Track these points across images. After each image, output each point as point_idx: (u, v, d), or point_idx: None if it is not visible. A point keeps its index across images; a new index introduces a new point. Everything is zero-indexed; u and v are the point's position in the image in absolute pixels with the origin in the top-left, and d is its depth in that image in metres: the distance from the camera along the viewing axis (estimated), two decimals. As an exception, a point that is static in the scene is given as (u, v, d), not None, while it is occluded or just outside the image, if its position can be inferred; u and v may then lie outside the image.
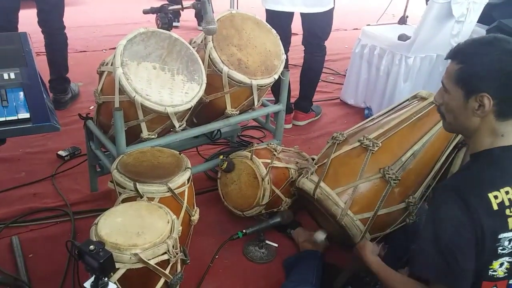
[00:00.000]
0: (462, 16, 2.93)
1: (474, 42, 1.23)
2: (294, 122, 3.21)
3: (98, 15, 5.74)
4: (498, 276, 1.19)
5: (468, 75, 1.20)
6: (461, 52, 1.23)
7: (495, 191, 1.16)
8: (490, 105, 1.17)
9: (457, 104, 1.24)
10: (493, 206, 1.14)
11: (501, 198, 1.15)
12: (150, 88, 1.77)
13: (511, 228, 1.16)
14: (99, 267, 1.08)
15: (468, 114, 1.22)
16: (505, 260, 1.18)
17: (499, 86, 1.16)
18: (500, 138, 1.21)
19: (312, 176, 1.85)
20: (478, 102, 1.19)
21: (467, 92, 1.20)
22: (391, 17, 4.95)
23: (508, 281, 1.21)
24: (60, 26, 2.97)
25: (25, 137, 2.73)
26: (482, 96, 1.17)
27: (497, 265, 1.18)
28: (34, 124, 1.28)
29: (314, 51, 2.96)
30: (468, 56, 1.21)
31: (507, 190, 1.17)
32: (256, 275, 1.92)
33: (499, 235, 1.15)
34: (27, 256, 1.91)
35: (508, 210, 1.16)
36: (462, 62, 1.21)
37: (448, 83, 1.25)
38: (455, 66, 1.23)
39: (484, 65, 1.17)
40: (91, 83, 3.45)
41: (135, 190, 1.60)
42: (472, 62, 1.19)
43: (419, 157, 1.80)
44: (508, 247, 1.17)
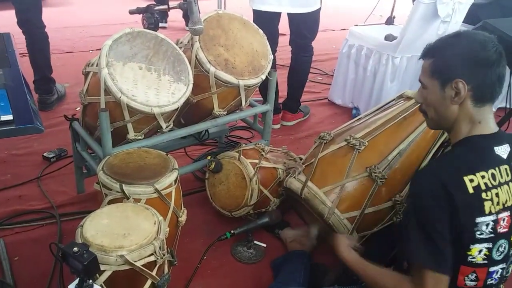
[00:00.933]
0: (447, 16, 2.96)
1: (442, 38, 1.32)
2: (283, 123, 3.21)
3: (84, 15, 5.70)
4: (477, 262, 1.22)
5: (441, 65, 1.27)
6: (431, 48, 1.31)
7: (471, 174, 1.20)
8: (465, 90, 1.23)
9: (435, 96, 1.30)
10: (468, 190, 1.18)
11: (477, 182, 1.19)
12: (136, 88, 1.76)
13: (487, 212, 1.19)
14: (83, 269, 1.07)
15: (446, 103, 1.28)
16: (483, 246, 1.21)
17: (471, 71, 1.23)
18: (478, 125, 1.27)
19: (299, 175, 1.85)
20: (454, 90, 1.24)
21: (443, 82, 1.26)
22: (379, 18, 4.99)
23: (488, 269, 1.23)
24: (39, 25, 2.94)
25: (11, 139, 2.70)
26: (457, 82, 1.23)
27: (475, 252, 1.21)
28: (17, 126, 1.26)
29: (301, 52, 2.96)
30: (438, 49, 1.29)
31: (483, 174, 1.20)
32: (244, 275, 1.92)
33: (476, 219, 1.19)
34: (13, 259, 1.88)
35: (484, 194, 1.19)
36: (434, 56, 1.29)
37: (424, 78, 1.32)
38: (428, 61, 1.30)
39: (454, 53, 1.25)
40: (78, 84, 3.42)
41: (121, 191, 1.59)
42: (443, 53, 1.27)
43: (405, 156, 1.81)
44: (486, 232, 1.20)
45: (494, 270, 1.25)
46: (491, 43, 1.23)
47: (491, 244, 1.21)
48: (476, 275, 1.23)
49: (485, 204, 1.19)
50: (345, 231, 1.74)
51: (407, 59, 3.15)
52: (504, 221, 1.22)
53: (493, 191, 1.20)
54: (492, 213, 1.20)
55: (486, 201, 1.19)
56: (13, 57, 1.61)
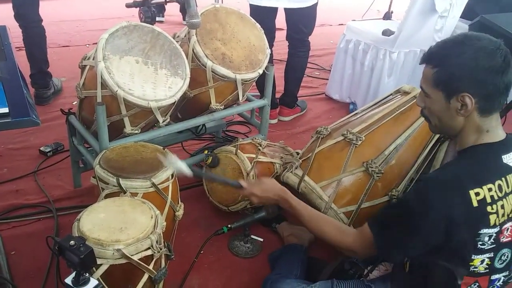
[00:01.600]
0: (445, 11, 2.96)
1: (446, 44, 1.23)
2: (280, 118, 3.21)
3: (81, 9, 5.67)
4: (479, 272, 1.20)
5: (446, 77, 1.20)
6: (435, 55, 1.23)
7: (478, 188, 1.15)
8: (472, 104, 1.17)
9: (439, 107, 1.24)
10: (472, 203, 1.14)
11: (483, 195, 1.15)
12: (132, 82, 1.75)
13: (492, 225, 1.16)
14: (79, 263, 1.07)
15: (451, 114, 1.22)
16: (485, 256, 1.19)
17: (477, 84, 1.16)
18: (485, 134, 1.22)
19: (296, 170, 1.86)
20: (460, 102, 1.19)
21: (448, 94, 1.20)
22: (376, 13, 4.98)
23: (490, 277, 1.22)
24: (36, 18, 2.92)
25: (7, 133, 2.69)
26: (463, 96, 1.17)
27: (478, 262, 1.19)
28: (13, 119, 1.26)
29: (298, 47, 2.96)
30: (443, 59, 1.21)
31: (490, 187, 1.16)
32: (241, 269, 1.92)
33: (480, 231, 1.16)
34: (9, 253, 1.88)
35: (489, 207, 1.15)
36: (438, 65, 1.21)
37: (426, 87, 1.25)
38: (431, 70, 1.23)
39: (460, 65, 1.17)
40: (74, 78, 3.38)
41: (118, 185, 1.59)
42: (447, 63, 1.19)
43: (402, 150, 1.81)
44: (488, 243, 1.17)
45: (496, 278, 1.24)
46: (499, 51, 1.16)
47: (492, 254, 1.19)
48: (478, 285, 1.22)
49: (490, 218, 1.16)
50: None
51: (404, 54, 3.15)
52: (507, 231, 1.20)
53: (498, 203, 1.17)
54: (496, 225, 1.17)
55: (492, 214, 1.16)
56: (9, 50, 1.60)
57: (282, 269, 1.77)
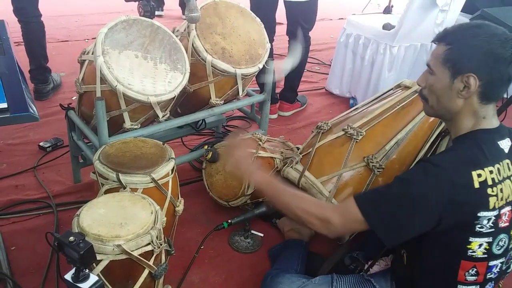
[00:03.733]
0: (446, 5, 2.95)
1: (463, 25, 1.25)
2: (280, 113, 3.20)
3: (79, 4, 5.64)
4: (477, 256, 1.21)
5: (457, 55, 1.21)
6: (450, 34, 1.25)
7: (480, 169, 1.17)
8: (476, 85, 1.19)
9: (442, 85, 1.25)
10: (474, 184, 1.16)
11: (485, 176, 1.17)
12: (132, 77, 1.74)
13: (491, 208, 1.17)
14: (79, 259, 1.07)
15: (452, 95, 1.24)
16: (484, 240, 1.20)
17: (485, 67, 1.18)
18: (482, 120, 1.24)
19: (297, 165, 1.85)
20: (464, 83, 1.20)
21: (454, 72, 1.21)
22: (376, 7, 4.96)
23: (488, 263, 1.23)
24: (35, 13, 2.90)
25: (6, 128, 2.68)
26: (469, 76, 1.19)
27: (476, 246, 1.20)
28: (12, 114, 1.25)
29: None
30: (458, 38, 1.22)
31: (491, 169, 1.18)
32: (241, 264, 1.92)
33: (478, 213, 1.17)
34: (9, 248, 1.88)
35: (490, 189, 1.17)
36: (451, 43, 1.22)
37: (435, 64, 1.26)
38: (444, 47, 1.24)
39: (473, 46, 1.19)
40: (74, 73, 3.39)
41: (117, 181, 1.58)
42: (461, 43, 1.21)
43: (403, 145, 1.81)
44: (486, 226, 1.18)
45: (494, 265, 1.24)
46: (510, 42, 1.17)
47: (491, 238, 1.20)
48: (476, 270, 1.22)
49: (490, 200, 1.17)
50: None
51: (405, 48, 3.13)
52: (505, 216, 1.21)
53: (498, 186, 1.18)
54: (495, 208, 1.18)
55: (492, 197, 1.17)
56: (7, 44, 1.59)
57: (282, 264, 1.77)
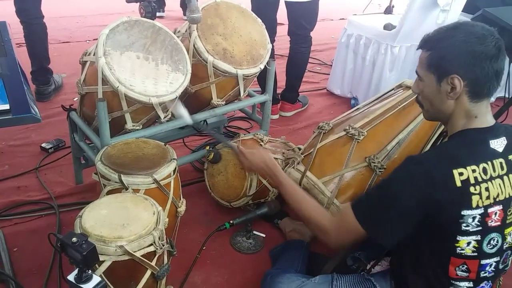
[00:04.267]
0: (447, 5, 2.94)
1: (440, 29, 1.28)
2: (281, 113, 3.21)
3: (81, 5, 5.65)
4: (467, 254, 1.22)
5: (438, 59, 1.24)
6: (430, 39, 1.28)
7: (461, 168, 1.18)
8: (461, 86, 1.21)
9: (431, 90, 1.28)
10: (456, 182, 1.17)
11: (467, 175, 1.18)
12: (134, 78, 1.74)
13: (474, 206, 1.18)
14: (82, 260, 1.07)
15: (442, 98, 1.27)
16: (472, 239, 1.20)
17: (467, 66, 1.20)
18: (474, 119, 1.26)
19: (298, 166, 1.85)
20: (450, 85, 1.23)
21: (439, 76, 1.25)
22: (377, 7, 4.96)
23: (480, 261, 1.23)
24: (37, 15, 2.90)
25: (8, 130, 2.69)
26: (453, 77, 1.21)
27: (464, 244, 1.21)
28: (14, 115, 1.25)
29: (300, 42, 2.94)
30: (436, 42, 1.26)
31: (474, 168, 1.19)
32: (243, 265, 1.92)
33: (462, 211, 1.18)
34: (12, 250, 1.88)
35: (472, 187, 1.18)
36: (431, 48, 1.26)
37: (420, 70, 1.30)
38: (426, 53, 1.28)
39: (451, 47, 1.22)
40: (75, 74, 3.40)
41: (120, 182, 1.58)
42: (440, 46, 1.24)
43: (404, 145, 1.81)
44: (472, 225, 1.19)
45: (487, 263, 1.24)
46: (490, 37, 1.19)
47: (479, 236, 1.20)
48: (467, 267, 1.23)
49: (473, 198, 1.18)
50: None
51: (406, 49, 3.13)
52: (496, 215, 1.21)
53: (482, 185, 1.19)
54: (479, 207, 1.18)
55: (474, 195, 1.18)
56: (9, 46, 1.59)
57: (283, 264, 1.77)
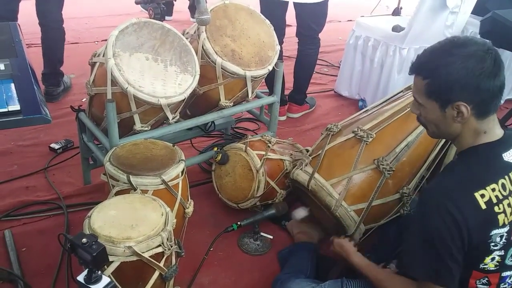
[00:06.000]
0: (456, 7, 2.92)
1: (433, 54, 1.21)
2: (289, 115, 3.20)
3: (89, 6, 5.67)
4: (489, 269, 1.20)
5: (438, 88, 1.18)
6: (423, 67, 1.21)
7: (482, 189, 1.15)
8: (468, 111, 1.16)
9: (435, 115, 1.22)
10: (481, 206, 1.14)
11: (488, 196, 1.15)
12: (143, 79, 1.75)
13: (501, 225, 1.16)
14: (92, 260, 1.07)
15: (448, 122, 1.21)
16: (496, 254, 1.19)
17: (471, 91, 1.14)
18: (483, 135, 1.21)
19: (306, 167, 1.85)
20: (456, 110, 1.17)
21: (442, 104, 1.19)
22: (385, 9, 4.94)
23: (501, 274, 1.22)
24: (57, 18, 2.90)
25: (17, 130, 2.70)
26: (458, 105, 1.16)
27: (488, 260, 1.19)
28: (24, 116, 1.26)
29: (308, 44, 2.93)
30: (432, 70, 1.18)
31: (493, 187, 1.16)
32: (251, 267, 1.92)
33: (491, 232, 1.16)
34: (20, 250, 1.89)
35: (496, 207, 1.15)
36: (428, 76, 1.19)
37: (420, 97, 1.24)
38: (422, 81, 1.21)
39: (450, 75, 1.15)
40: (84, 75, 3.41)
41: (128, 182, 1.59)
42: (437, 74, 1.17)
43: (413, 148, 1.80)
44: (499, 243, 1.17)
45: (508, 275, 1.23)
46: (488, 55, 1.13)
47: (503, 252, 1.19)
48: (488, 279, 1.22)
49: (499, 218, 1.15)
50: (352, 223, 1.74)
51: (414, 50, 3.11)
52: None
53: (504, 202, 1.16)
54: (505, 224, 1.17)
55: (499, 214, 1.16)
56: (20, 47, 1.60)
57: (292, 268, 1.77)
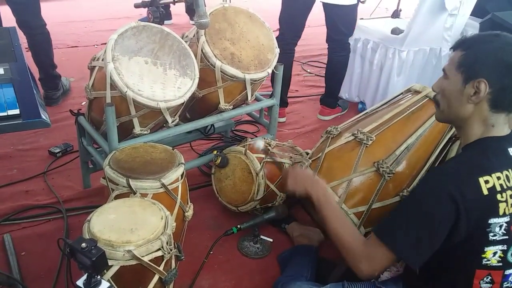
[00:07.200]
0: (455, 9, 2.93)
1: (480, 33, 1.30)
2: (320, 117, 3.25)
3: (89, 9, 5.68)
4: (492, 265, 1.20)
5: (470, 60, 1.23)
6: (468, 40, 1.28)
7: (486, 175, 1.17)
8: (486, 91, 1.20)
9: (454, 90, 1.27)
10: (483, 191, 1.16)
11: (492, 183, 1.17)
12: (142, 83, 1.75)
13: (501, 214, 1.17)
14: (91, 265, 1.07)
15: (462, 100, 1.25)
16: (498, 248, 1.19)
17: (497, 74, 1.19)
18: (491, 128, 1.25)
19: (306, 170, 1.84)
20: (475, 89, 1.21)
21: (467, 77, 1.23)
22: (385, 11, 4.95)
23: (504, 272, 1.22)
24: (39, 24, 2.86)
25: (17, 134, 2.70)
26: (480, 81, 1.20)
27: (490, 254, 1.19)
28: (24, 120, 1.26)
29: (338, 51, 2.92)
30: (473, 44, 1.25)
31: (498, 175, 1.18)
32: (251, 270, 1.91)
33: (489, 220, 1.17)
34: (20, 254, 1.89)
35: (499, 195, 1.17)
36: (467, 48, 1.25)
37: (449, 69, 1.29)
38: (460, 53, 1.27)
39: (487, 52, 1.21)
40: (83, 78, 3.43)
41: (128, 186, 1.59)
42: (476, 49, 1.24)
43: (413, 150, 1.79)
44: (499, 233, 1.18)
45: (510, 273, 1.23)
46: None
47: (505, 246, 1.19)
48: (491, 278, 1.22)
49: (500, 206, 1.17)
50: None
51: (414, 53, 3.12)
52: None
53: (508, 192, 1.18)
54: (506, 214, 1.17)
55: (501, 203, 1.17)
56: (19, 51, 1.60)
57: (292, 271, 1.76)
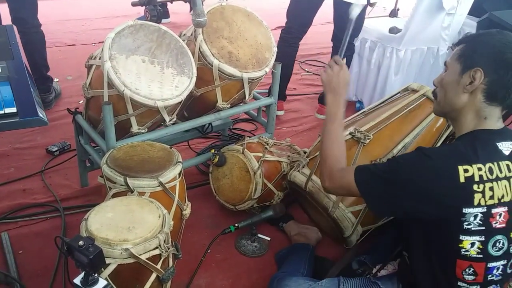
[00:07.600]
0: (452, 9, 2.93)
1: (483, 30, 1.35)
2: (317, 115, 3.26)
3: (87, 8, 5.67)
4: (472, 256, 1.22)
5: (470, 50, 1.29)
6: (469, 35, 1.36)
7: (467, 165, 1.19)
8: (481, 80, 1.24)
9: (451, 79, 1.32)
10: (459, 178, 1.18)
11: (472, 172, 1.19)
12: (139, 81, 1.75)
13: (476, 204, 1.18)
14: (88, 263, 1.07)
15: (458, 90, 1.30)
16: (475, 239, 1.21)
17: (493, 65, 1.23)
18: (483, 121, 1.28)
19: (303, 169, 1.85)
20: (470, 78, 1.26)
21: (464, 67, 1.28)
22: (382, 10, 4.95)
23: (487, 264, 1.23)
24: (34, 23, 2.84)
25: (14, 132, 2.70)
26: (476, 70, 1.25)
27: (467, 244, 1.21)
28: (21, 118, 1.26)
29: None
30: (475, 37, 1.34)
31: (480, 167, 1.20)
32: (248, 268, 1.92)
33: (463, 209, 1.19)
34: (17, 252, 1.88)
35: (476, 185, 1.18)
36: (467, 42, 1.33)
37: (450, 60, 1.35)
38: (461, 46, 1.33)
39: (486, 43, 1.27)
40: (80, 76, 3.42)
41: (125, 184, 1.59)
42: (476, 41, 1.31)
43: (410, 149, 1.79)
44: (474, 223, 1.19)
45: (494, 266, 1.24)
46: None
47: (483, 237, 1.20)
48: (473, 270, 1.23)
49: (475, 196, 1.18)
50: (349, 225, 1.74)
51: (411, 52, 3.12)
52: (500, 217, 1.21)
53: (487, 184, 1.19)
54: (481, 205, 1.19)
55: (477, 193, 1.18)
56: (16, 49, 1.60)
57: (289, 267, 1.77)
